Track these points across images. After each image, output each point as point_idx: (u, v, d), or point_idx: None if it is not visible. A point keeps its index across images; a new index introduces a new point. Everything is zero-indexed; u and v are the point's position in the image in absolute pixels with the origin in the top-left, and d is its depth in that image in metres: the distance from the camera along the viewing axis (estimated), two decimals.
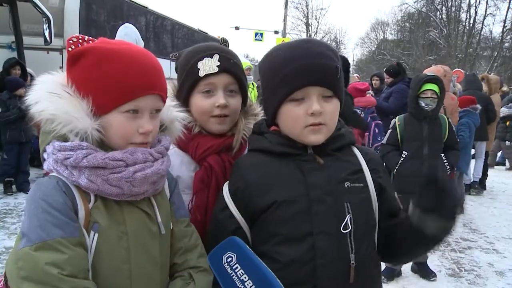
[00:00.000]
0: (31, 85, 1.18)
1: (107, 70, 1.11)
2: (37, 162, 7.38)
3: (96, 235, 1.10)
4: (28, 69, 7.35)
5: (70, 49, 1.14)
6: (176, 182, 1.38)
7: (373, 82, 8.61)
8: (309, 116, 1.25)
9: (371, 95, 6.72)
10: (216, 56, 1.43)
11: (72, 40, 1.15)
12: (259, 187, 1.29)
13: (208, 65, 1.42)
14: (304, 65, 1.25)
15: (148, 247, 1.19)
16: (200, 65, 1.43)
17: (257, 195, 1.28)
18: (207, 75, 1.42)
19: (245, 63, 6.95)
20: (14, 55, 7.90)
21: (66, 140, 1.11)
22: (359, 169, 1.34)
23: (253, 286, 1.04)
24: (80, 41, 1.15)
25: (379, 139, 5.94)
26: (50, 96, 1.11)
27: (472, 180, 7.91)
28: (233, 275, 1.07)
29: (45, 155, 1.16)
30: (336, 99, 1.30)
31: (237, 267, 1.07)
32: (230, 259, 1.09)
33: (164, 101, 1.24)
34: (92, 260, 1.10)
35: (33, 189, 1.11)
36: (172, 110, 1.32)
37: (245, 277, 1.06)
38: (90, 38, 1.18)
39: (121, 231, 1.14)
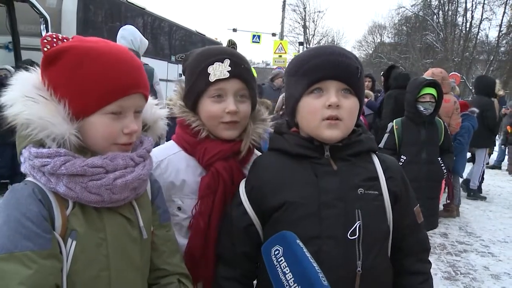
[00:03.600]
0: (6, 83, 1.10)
1: (88, 70, 1.06)
2: None
3: (74, 242, 1.06)
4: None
5: (45, 49, 1.08)
6: (159, 186, 1.36)
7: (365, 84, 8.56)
8: (327, 108, 1.27)
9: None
10: (227, 61, 1.40)
11: (47, 39, 1.09)
12: (272, 186, 1.31)
13: (219, 70, 1.39)
14: (326, 60, 1.29)
15: (128, 252, 1.16)
16: (210, 69, 1.39)
17: (270, 194, 1.30)
18: (218, 80, 1.39)
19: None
20: (11, 56, 7.87)
21: (43, 145, 1.07)
22: (375, 177, 1.33)
23: (293, 279, 1.07)
24: (55, 40, 1.10)
25: None
26: (25, 99, 1.06)
27: (470, 188, 7.87)
28: (278, 267, 1.10)
29: (21, 158, 1.11)
30: (356, 98, 1.32)
31: (282, 260, 1.11)
32: (277, 251, 1.12)
33: (147, 100, 1.20)
34: (69, 268, 1.05)
35: (7, 196, 1.05)
36: (155, 108, 1.30)
37: (287, 270, 1.09)
38: (65, 37, 1.12)
39: (100, 238, 1.11)
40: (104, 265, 1.11)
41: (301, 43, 33.11)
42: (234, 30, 25.94)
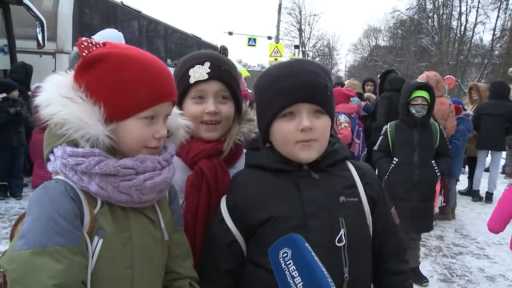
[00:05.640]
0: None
1: (128, 76, 1.11)
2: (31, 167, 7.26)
3: (101, 240, 1.09)
4: None
5: (84, 53, 1.13)
6: (176, 191, 1.39)
7: (367, 87, 8.60)
8: (300, 132, 1.27)
9: (358, 104, 6.71)
10: (207, 64, 1.45)
11: (84, 45, 1.13)
12: (256, 202, 1.31)
13: (198, 72, 1.45)
14: (295, 82, 1.28)
15: (150, 253, 1.20)
16: (191, 72, 1.46)
17: (254, 210, 1.30)
18: (198, 82, 1.45)
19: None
20: (7, 59, 7.85)
21: (76, 145, 1.10)
22: (353, 184, 1.36)
23: (302, 283, 1.08)
24: (91, 45, 1.14)
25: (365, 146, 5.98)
26: (63, 99, 1.10)
27: (486, 191, 7.86)
28: (286, 270, 1.11)
29: (51, 157, 1.14)
30: (327, 116, 1.32)
31: (290, 263, 1.11)
32: (285, 254, 1.12)
33: (173, 106, 1.26)
34: (95, 265, 1.08)
35: (39, 193, 1.08)
36: (178, 117, 1.34)
37: (295, 273, 1.09)
38: (97, 42, 1.17)
39: (126, 237, 1.14)
40: (128, 264, 1.14)
41: (296, 46, 33.21)
42: (230, 33, 25.96)
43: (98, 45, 1.15)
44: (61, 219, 1.03)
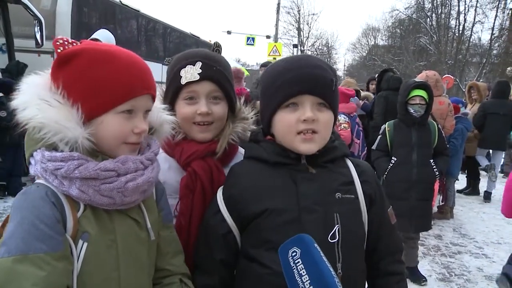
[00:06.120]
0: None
1: (103, 70, 1.10)
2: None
3: (85, 244, 1.07)
4: None
5: (59, 50, 1.11)
6: (163, 188, 1.38)
7: (371, 87, 8.62)
8: (302, 122, 1.28)
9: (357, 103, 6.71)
10: (199, 64, 1.43)
11: (59, 42, 1.12)
12: (252, 194, 1.31)
13: (189, 73, 1.43)
14: (301, 74, 1.29)
15: (136, 254, 1.19)
16: (182, 72, 1.44)
17: (250, 201, 1.31)
18: (189, 83, 1.43)
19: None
20: (5, 58, 7.83)
21: (55, 148, 1.09)
22: (351, 181, 1.36)
23: (309, 281, 1.10)
24: (66, 43, 1.13)
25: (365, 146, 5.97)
26: (39, 103, 1.07)
27: (485, 190, 7.87)
28: (294, 268, 1.12)
29: (32, 160, 1.12)
30: (330, 111, 1.33)
31: (298, 262, 1.12)
32: (294, 253, 1.14)
33: (154, 101, 1.25)
34: (80, 269, 1.07)
35: (19, 198, 1.07)
36: (162, 113, 1.33)
37: (303, 272, 1.11)
38: (74, 40, 1.16)
39: (110, 239, 1.13)
40: (114, 266, 1.13)
41: (295, 46, 33.20)
42: (229, 32, 25.93)
43: (74, 43, 1.15)
44: (42, 225, 1.01)
